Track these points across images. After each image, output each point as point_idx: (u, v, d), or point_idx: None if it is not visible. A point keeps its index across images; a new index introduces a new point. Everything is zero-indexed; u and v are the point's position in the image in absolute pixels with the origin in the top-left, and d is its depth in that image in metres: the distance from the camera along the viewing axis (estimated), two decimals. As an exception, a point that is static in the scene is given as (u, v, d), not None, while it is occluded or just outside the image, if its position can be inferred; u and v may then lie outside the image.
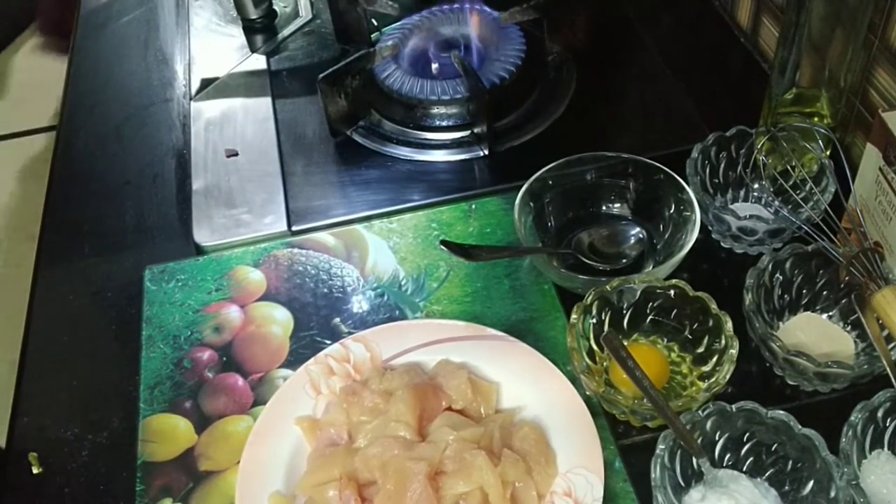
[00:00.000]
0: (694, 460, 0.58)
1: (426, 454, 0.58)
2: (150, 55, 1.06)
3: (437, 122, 0.90)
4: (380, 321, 0.72)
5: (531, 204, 0.76)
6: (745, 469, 0.60)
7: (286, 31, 1.06)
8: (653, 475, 0.55)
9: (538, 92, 0.94)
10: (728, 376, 0.61)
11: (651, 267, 0.74)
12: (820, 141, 0.73)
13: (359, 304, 0.75)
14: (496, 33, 0.95)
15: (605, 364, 0.67)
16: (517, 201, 0.74)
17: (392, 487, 0.57)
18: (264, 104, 0.96)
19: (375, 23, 0.99)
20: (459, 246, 0.68)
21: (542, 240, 0.76)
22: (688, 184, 0.74)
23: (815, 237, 0.67)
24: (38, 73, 2.49)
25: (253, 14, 1.05)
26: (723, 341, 0.64)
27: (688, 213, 0.73)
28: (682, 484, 0.58)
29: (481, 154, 0.88)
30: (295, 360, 0.71)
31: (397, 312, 0.74)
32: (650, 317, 0.69)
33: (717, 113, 0.89)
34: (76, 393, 0.71)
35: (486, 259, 0.71)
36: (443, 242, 0.69)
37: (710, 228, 0.76)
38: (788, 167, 0.76)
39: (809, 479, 0.56)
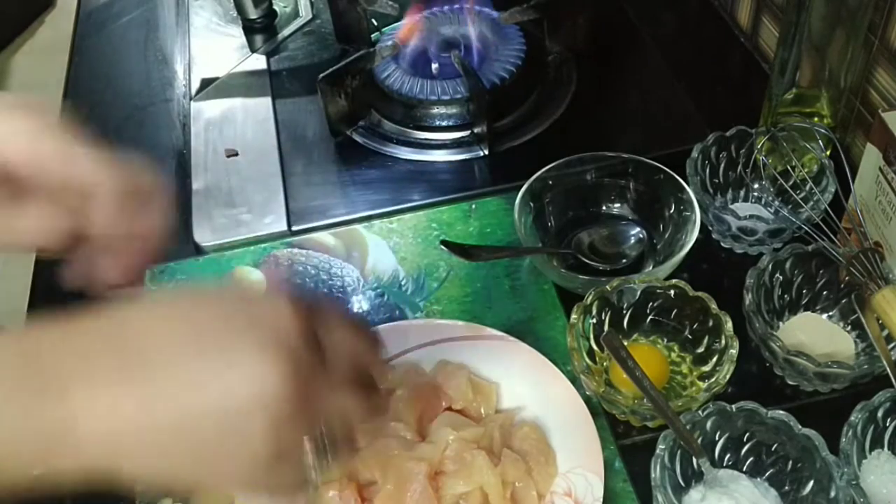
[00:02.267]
0: (694, 460, 0.58)
1: (426, 454, 0.58)
2: (150, 55, 1.06)
3: (437, 122, 0.90)
4: (380, 321, 0.72)
5: (531, 204, 0.76)
6: (745, 469, 0.60)
7: (286, 31, 1.06)
8: (653, 475, 0.55)
9: (538, 92, 0.94)
10: (728, 376, 0.61)
11: (651, 267, 0.74)
12: (820, 141, 0.73)
13: (359, 304, 0.75)
14: (496, 33, 0.95)
15: (605, 364, 0.67)
16: (517, 201, 0.74)
17: (392, 487, 0.57)
18: (264, 104, 0.96)
19: (375, 23, 0.99)
20: (459, 246, 0.68)
21: (542, 240, 0.76)
22: (688, 184, 0.74)
23: (815, 237, 0.67)
24: (38, 73, 2.49)
25: (253, 14, 1.05)
26: (723, 341, 0.64)
27: (688, 213, 0.73)
28: (682, 484, 0.58)
29: (481, 154, 0.88)
30: (295, 360, 0.70)
31: (397, 312, 0.74)
32: (650, 317, 0.69)
33: (717, 113, 0.89)
34: (76, 393, 0.71)
35: (486, 259, 0.71)
36: (443, 242, 0.69)
37: (710, 228, 0.76)
38: (788, 167, 0.76)
39: (809, 479, 0.56)
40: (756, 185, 0.79)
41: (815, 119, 0.78)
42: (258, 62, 1.02)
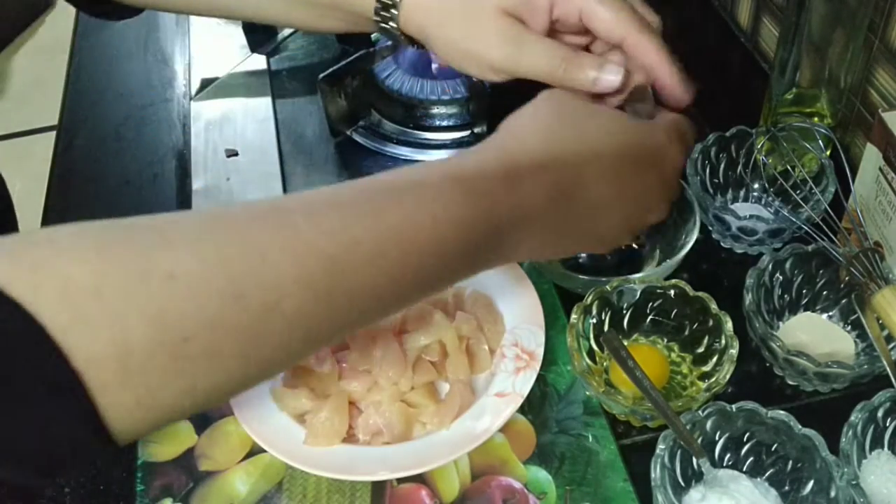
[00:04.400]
0: (694, 460, 0.58)
1: (390, 317, 0.65)
2: (150, 55, 1.06)
3: (438, 122, 0.90)
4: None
5: (531, 204, 0.76)
6: (745, 469, 0.60)
7: (286, 31, 1.06)
8: (653, 475, 0.55)
9: (538, 92, 0.93)
10: (728, 376, 0.61)
11: (651, 267, 0.74)
12: (820, 141, 0.73)
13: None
14: (496, 33, 0.95)
15: (605, 364, 0.67)
16: (517, 201, 0.74)
17: (363, 344, 0.64)
18: (264, 104, 0.96)
19: (375, 23, 0.99)
20: None
21: (542, 240, 0.76)
22: (688, 184, 0.74)
23: (815, 237, 0.67)
24: (38, 73, 2.49)
25: (253, 14, 1.05)
26: (723, 341, 0.64)
27: (688, 214, 0.73)
28: (682, 484, 0.58)
29: (481, 154, 0.88)
30: (295, 359, 0.71)
31: (397, 312, 0.74)
32: (650, 317, 0.69)
33: (717, 113, 0.88)
34: (76, 393, 0.71)
35: None
36: None
37: (710, 228, 0.76)
38: (788, 167, 0.76)
39: (809, 479, 0.56)
40: (756, 185, 0.79)
41: (815, 119, 0.78)
42: (258, 62, 1.02)
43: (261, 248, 0.34)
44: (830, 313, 0.70)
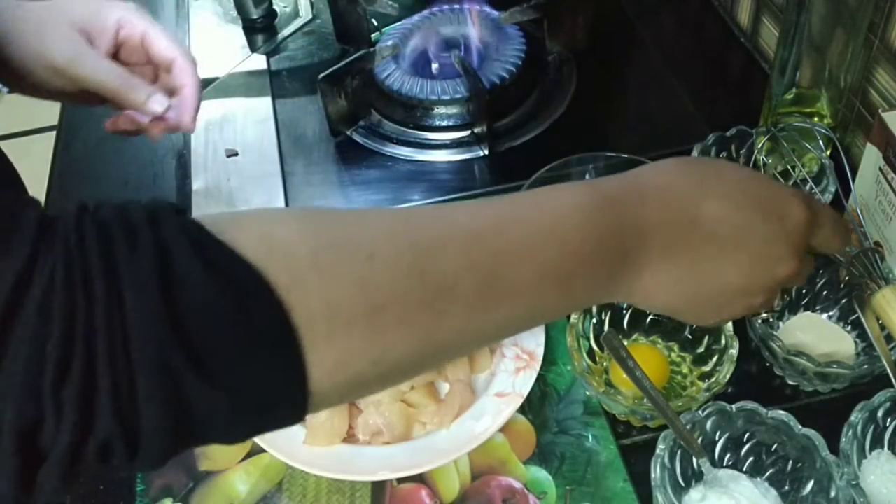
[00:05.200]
0: (694, 460, 0.58)
1: None
2: (150, 55, 1.06)
3: (438, 122, 0.90)
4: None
5: (531, 204, 0.76)
6: (745, 469, 0.60)
7: (286, 31, 1.06)
8: (653, 475, 0.55)
9: (538, 92, 0.94)
10: (728, 376, 0.61)
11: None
12: (820, 141, 0.73)
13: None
14: (496, 33, 0.95)
15: (605, 364, 0.67)
16: (517, 201, 0.74)
17: None
18: (264, 104, 0.96)
19: (375, 23, 0.99)
20: None
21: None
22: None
23: (815, 237, 0.67)
24: (38, 73, 2.49)
25: (253, 14, 1.05)
26: (723, 341, 0.64)
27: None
28: (682, 484, 0.58)
29: (481, 154, 0.88)
30: (295, 360, 0.71)
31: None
32: (650, 317, 0.69)
33: (717, 113, 0.89)
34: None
35: None
36: None
37: (710, 228, 0.76)
38: (788, 167, 0.76)
39: (809, 479, 0.56)
40: (756, 185, 0.79)
41: (815, 119, 0.78)
42: (258, 62, 1.02)
43: (437, 238, 0.40)
44: (830, 313, 0.70)
